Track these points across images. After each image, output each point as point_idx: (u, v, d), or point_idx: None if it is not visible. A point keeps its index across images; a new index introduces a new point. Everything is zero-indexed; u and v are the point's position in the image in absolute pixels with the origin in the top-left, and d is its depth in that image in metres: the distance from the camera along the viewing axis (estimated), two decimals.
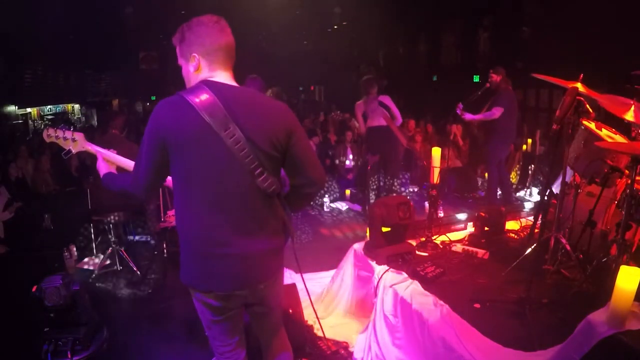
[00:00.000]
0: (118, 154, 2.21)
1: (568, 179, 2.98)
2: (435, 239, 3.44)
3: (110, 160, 2.12)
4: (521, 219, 3.94)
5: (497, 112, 5.30)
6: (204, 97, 1.61)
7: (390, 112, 5.70)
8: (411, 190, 7.27)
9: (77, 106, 17.10)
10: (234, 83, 1.75)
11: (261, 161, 1.67)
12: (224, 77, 1.73)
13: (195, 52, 1.70)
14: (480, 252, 3.22)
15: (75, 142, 2.19)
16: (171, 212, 4.69)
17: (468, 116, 5.49)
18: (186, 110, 1.60)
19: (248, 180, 1.68)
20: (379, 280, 2.88)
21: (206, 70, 1.72)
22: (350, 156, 7.54)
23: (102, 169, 2.04)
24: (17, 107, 14.19)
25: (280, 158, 1.74)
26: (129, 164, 2.13)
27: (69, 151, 2.21)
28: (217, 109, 1.60)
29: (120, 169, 2.13)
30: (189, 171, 1.65)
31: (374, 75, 6.13)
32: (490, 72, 5.42)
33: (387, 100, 5.78)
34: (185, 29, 1.71)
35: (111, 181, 1.93)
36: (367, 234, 3.27)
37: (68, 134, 2.19)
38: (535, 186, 6.69)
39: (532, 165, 6.90)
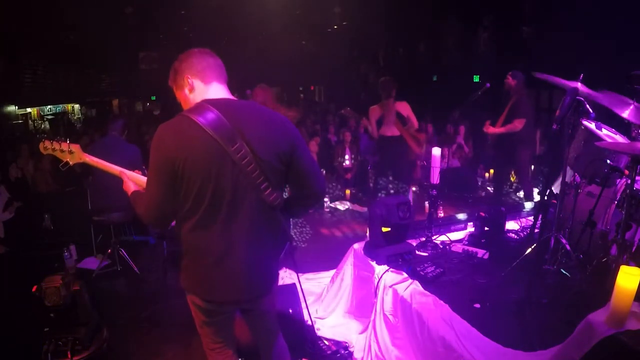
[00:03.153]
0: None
1: (568, 179, 2.97)
2: (435, 239, 3.44)
3: (132, 178, 2.07)
4: (521, 219, 3.94)
5: (519, 124, 5.14)
6: (208, 114, 1.61)
7: (406, 120, 5.37)
8: (413, 189, 7.25)
9: (77, 106, 17.10)
10: (232, 97, 1.76)
11: (267, 176, 1.68)
12: (220, 90, 1.75)
13: (186, 75, 1.73)
14: (480, 252, 3.22)
15: (73, 154, 2.17)
16: None
17: (491, 130, 5.36)
18: (191, 129, 1.60)
19: (254, 195, 1.69)
20: (379, 280, 2.88)
21: (201, 86, 1.73)
22: (347, 156, 7.53)
23: (130, 187, 1.98)
24: (17, 107, 14.19)
25: (284, 171, 1.75)
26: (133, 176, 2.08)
27: (67, 163, 2.19)
28: (223, 125, 1.61)
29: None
30: (197, 189, 1.64)
31: (390, 77, 5.59)
32: (509, 74, 5.20)
33: (403, 107, 5.39)
34: (176, 65, 1.76)
35: (134, 203, 1.86)
36: (367, 234, 3.27)
37: (64, 146, 2.16)
38: (536, 186, 6.68)
39: (532, 166, 6.89)
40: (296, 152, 1.74)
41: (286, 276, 3.79)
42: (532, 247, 2.87)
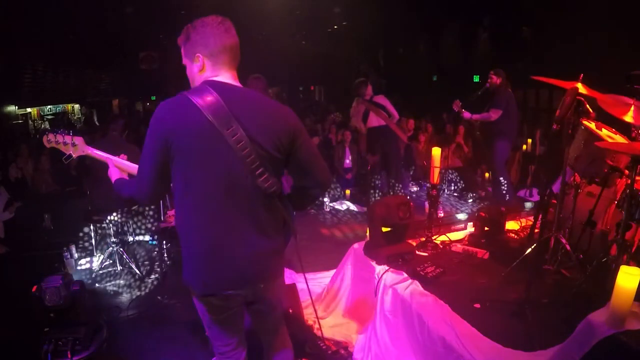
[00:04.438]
0: (119, 155, 2.20)
1: (568, 179, 2.97)
2: (435, 239, 3.44)
3: (117, 165, 2.11)
4: (521, 219, 3.94)
5: (494, 114, 5.35)
6: (207, 96, 1.61)
7: (386, 110, 5.73)
8: (411, 190, 7.27)
9: (77, 106, 17.08)
10: (237, 84, 1.75)
11: (262, 161, 1.67)
12: (227, 77, 1.73)
13: (199, 53, 1.70)
14: (480, 252, 3.22)
15: (76, 147, 2.18)
16: (171, 212, 4.69)
17: (466, 114, 5.53)
18: (189, 110, 1.60)
19: (249, 180, 1.67)
20: (379, 280, 2.88)
21: (210, 70, 1.71)
22: (349, 157, 7.53)
23: (114, 175, 2.02)
24: (17, 107, 14.18)
25: (282, 160, 1.74)
26: (134, 168, 2.09)
27: (70, 155, 2.20)
28: (220, 108, 1.60)
29: (129, 174, 2.12)
30: (190, 171, 1.65)
31: (367, 78, 6.21)
32: (491, 73, 5.42)
33: (382, 99, 5.78)
34: (190, 30, 1.71)
35: (121, 188, 1.91)
36: (367, 234, 3.27)
37: (68, 139, 2.17)
38: (535, 186, 6.68)
39: (532, 166, 6.89)
40: (296, 143, 1.73)
41: (286, 276, 3.78)
42: (532, 247, 2.87)
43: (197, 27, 1.69)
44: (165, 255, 4.57)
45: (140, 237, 5.15)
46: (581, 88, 2.63)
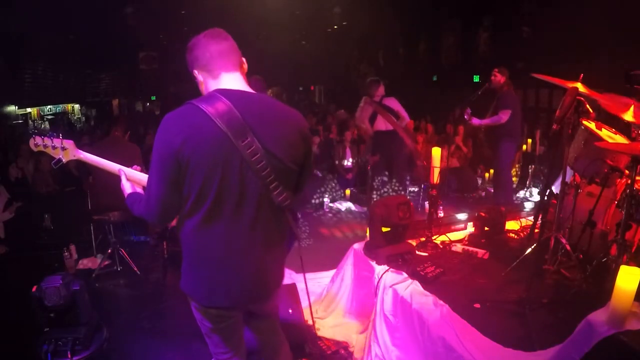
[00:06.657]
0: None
1: (568, 179, 2.98)
2: (435, 239, 3.44)
3: (130, 177, 1.94)
4: (521, 219, 3.94)
5: (504, 115, 5.22)
6: (219, 104, 1.52)
7: (395, 113, 5.61)
8: (411, 190, 7.27)
9: (77, 106, 17.11)
10: (247, 87, 1.67)
11: (278, 175, 1.60)
12: (233, 79, 1.65)
13: (195, 69, 1.67)
14: (480, 252, 3.22)
15: (66, 151, 2.00)
16: None
17: (476, 121, 5.42)
18: (199, 119, 1.51)
19: (262, 193, 1.61)
20: (379, 280, 2.88)
21: (210, 79, 1.66)
22: (350, 157, 7.54)
23: (126, 189, 1.86)
24: (17, 107, 14.19)
25: (297, 171, 1.68)
26: (134, 174, 1.98)
27: (59, 160, 2.01)
28: (234, 117, 1.51)
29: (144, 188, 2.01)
30: (201, 183, 1.54)
31: (377, 77, 5.97)
32: (495, 70, 5.31)
33: (392, 102, 5.66)
34: (187, 53, 1.69)
35: (132, 204, 1.75)
36: (367, 234, 3.27)
37: (57, 142, 1.98)
38: (535, 186, 6.68)
39: (532, 165, 6.90)
40: (308, 155, 1.70)
41: (287, 276, 3.78)
42: (532, 247, 2.87)
43: (188, 48, 1.68)
44: (165, 255, 4.57)
45: (141, 237, 5.15)
46: (581, 88, 2.63)
